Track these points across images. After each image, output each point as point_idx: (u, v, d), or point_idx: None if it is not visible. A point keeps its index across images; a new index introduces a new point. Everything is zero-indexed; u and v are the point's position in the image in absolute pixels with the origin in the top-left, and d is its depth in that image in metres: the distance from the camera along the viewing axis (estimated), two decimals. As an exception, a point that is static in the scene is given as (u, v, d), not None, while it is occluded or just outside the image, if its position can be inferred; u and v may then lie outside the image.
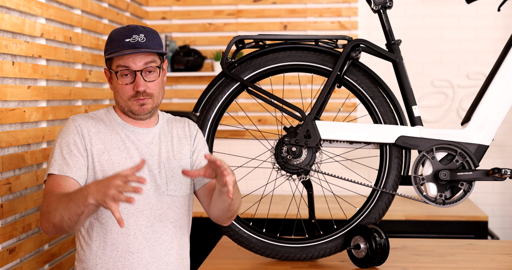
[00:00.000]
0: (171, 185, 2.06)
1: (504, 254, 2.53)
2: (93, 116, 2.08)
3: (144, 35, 1.99)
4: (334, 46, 2.46)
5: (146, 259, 2.00)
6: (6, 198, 2.33)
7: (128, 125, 2.07)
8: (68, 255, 2.87)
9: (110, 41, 2.01)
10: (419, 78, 4.19)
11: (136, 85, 1.98)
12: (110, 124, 2.06)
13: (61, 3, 2.85)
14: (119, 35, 2.00)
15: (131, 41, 1.97)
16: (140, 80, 1.98)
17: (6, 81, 2.36)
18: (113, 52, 1.98)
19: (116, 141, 2.03)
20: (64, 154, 1.96)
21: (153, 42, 2.00)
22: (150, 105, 2.03)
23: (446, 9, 4.21)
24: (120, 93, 2.02)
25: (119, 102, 2.04)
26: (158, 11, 4.33)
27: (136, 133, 2.07)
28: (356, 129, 2.37)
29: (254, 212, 2.93)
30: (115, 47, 1.98)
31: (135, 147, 2.05)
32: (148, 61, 1.99)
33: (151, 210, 2.02)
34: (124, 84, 1.99)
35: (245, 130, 4.11)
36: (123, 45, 1.97)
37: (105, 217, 1.98)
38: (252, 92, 2.45)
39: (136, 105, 2.01)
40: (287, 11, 4.24)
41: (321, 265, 2.39)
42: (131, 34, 1.98)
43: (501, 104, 2.34)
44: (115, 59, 2.00)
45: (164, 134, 2.12)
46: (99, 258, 1.98)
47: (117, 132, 2.05)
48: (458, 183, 2.32)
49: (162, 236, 2.03)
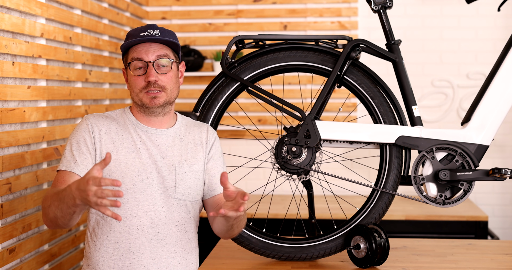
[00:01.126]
0: (179, 189, 2.06)
1: (504, 254, 2.53)
2: (107, 115, 2.10)
3: (159, 31, 2.03)
4: (334, 46, 2.46)
5: (146, 260, 2.00)
6: (6, 198, 2.33)
7: (141, 125, 2.07)
8: (68, 255, 2.87)
9: (127, 37, 2.06)
10: (419, 78, 4.19)
11: (147, 75, 2.00)
12: (123, 123, 2.07)
13: (61, 3, 2.85)
14: (135, 31, 2.05)
15: (145, 35, 2.01)
16: (151, 70, 2.00)
17: (6, 81, 2.36)
18: (127, 43, 2.02)
19: (127, 141, 2.04)
20: (74, 151, 1.99)
21: (168, 37, 2.04)
22: (163, 98, 2.03)
23: (446, 9, 4.21)
24: (132, 85, 2.04)
25: (132, 96, 2.06)
26: (158, 11, 4.33)
27: (149, 133, 2.07)
28: (356, 129, 2.37)
29: (254, 212, 2.93)
30: (130, 40, 2.03)
31: (146, 148, 2.04)
32: (161, 54, 2.02)
33: (156, 212, 2.01)
34: (136, 75, 2.02)
35: (245, 130, 4.11)
36: (138, 38, 2.01)
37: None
38: (252, 92, 2.45)
39: (147, 97, 2.02)
40: (287, 11, 4.24)
41: (321, 265, 2.39)
42: (147, 29, 2.03)
43: (501, 104, 2.34)
44: (130, 53, 2.04)
45: (179, 138, 2.11)
46: (101, 256, 1.99)
47: (130, 132, 2.06)
48: (458, 183, 2.32)
49: (165, 238, 2.03)
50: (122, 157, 2.01)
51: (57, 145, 2.77)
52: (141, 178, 2.01)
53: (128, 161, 2.01)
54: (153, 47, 2.02)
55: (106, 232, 2.00)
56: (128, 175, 2.00)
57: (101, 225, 2.01)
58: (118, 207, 1.60)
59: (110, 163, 1.99)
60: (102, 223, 2.00)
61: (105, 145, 2.02)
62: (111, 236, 1.99)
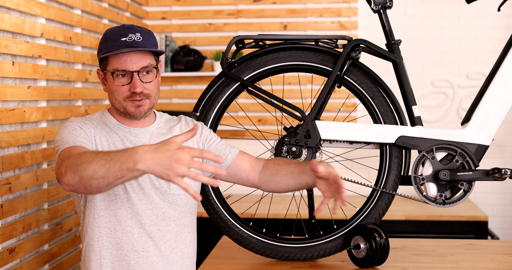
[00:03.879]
0: (173, 184, 2.05)
1: (504, 254, 2.53)
2: (88, 118, 2.05)
3: (140, 35, 1.96)
4: (334, 46, 2.46)
5: (151, 258, 1.99)
6: (6, 198, 2.33)
7: (123, 127, 2.05)
8: (68, 255, 2.87)
9: (105, 41, 1.97)
10: (419, 78, 4.19)
11: (133, 86, 1.95)
12: (106, 126, 2.04)
13: (61, 3, 2.85)
14: (114, 34, 1.96)
15: (127, 40, 1.93)
16: (137, 81, 1.95)
17: (6, 81, 2.36)
18: (109, 51, 1.94)
19: (116, 140, 2.02)
20: (72, 133, 1.91)
21: (149, 42, 1.98)
22: (147, 106, 2.00)
23: (446, 9, 4.21)
24: (115, 94, 1.98)
25: (114, 103, 2.01)
26: (158, 11, 4.33)
27: (132, 133, 2.05)
28: (356, 129, 2.37)
29: (254, 212, 2.93)
30: (111, 46, 1.94)
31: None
32: (145, 65, 1.96)
33: (154, 209, 2.01)
34: (120, 85, 1.96)
35: (245, 130, 4.11)
36: (119, 44, 1.93)
37: (108, 215, 1.97)
38: (252, 92, 2.45)
39: (132, 106, 1.98)
40: (287, 11, 4.24)
41: (321, 265, 2.39)
42: (127, 33, 1.95)
43: (501, 104, 2.34)
44: (111, 59, 1.96)
45: (162, 133, 2.10)
46: (103, 258, 1.97)
47: (116, 132, 2.03)
48: (458, 183, 2.32)
49: (166, 234, 2.02)
50: None
51: (57, 145, 2.77)
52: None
53: None
54: (137, 56, 1.95)
55: (105, 234, 1.97)
56: None
57: (96, 227, 1.97)
58: (217, 186, 1.53)
59: None
60: (98, 225, 1.97)
61: (101, 142, 1.98)
62: (112, 237, 1.97)
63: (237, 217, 2.44)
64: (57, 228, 2.75)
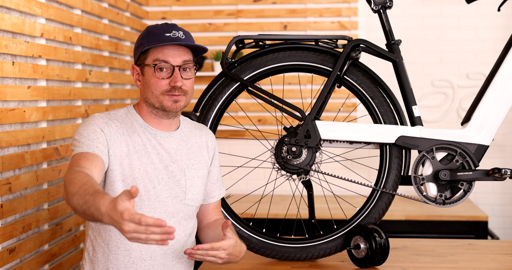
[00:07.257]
0: (189, 195, 2.04)
1: (504, 254, 2.53)
2: (113, 116, 2.02)
3: (183, 33, 1.99)
4: (334, 46, 2.46)
5: (157, 266, 1.98)
6: (6, 198, 2.33)
7: (150, 128, 2.02)
8: (68, 255, 2.87)
9: (147, 35, 1.99)
10: (419, 78, 4.19)
11: (173, 80, 1.95)
12: (131, 125, 2.01)
13: (61, 3, 2.85)
14: (157, 29, 1.98)
15: (171, 36, 1.96)
16: (178, 75, 1.96)
17: (6, 81, 2.36)
18: (153, 44, 1.95)
19: (138, 144, 1.99)
20: (90, 136, 1.91)
21: (191, 41, 2.01)
22: (183, 102, 2.00)
23: (446, 9, 4.21)
24: (152, 87, 1.97)
25: (149, 98, 1.99)
26: (158, 11, 4.33)
27: (157, 136, 2.02)
28: (356, 129, 2.37)
29: (254, 212, 2.93)
30: (154, 40, 1.96)
31: (156, 152, 2.01)
32: (187, 60, 1.99)
33: (167, 219, 1.99)
34: (160, 78, 1.96)
35: (245, 130, 4.11)
36: (163, 39, 1.95)
37: None
38: (252, 92, 2.45)
39: (170, 100, 1.97)
40: (287, 11, 4.24)
41: (321, 265, 2.39)
42: (171, 30, 1.98)
43: (501, 104, 2.34)
44: (153, 53, 1.97)
45: (184, 140, 2.09)
46: (110, 262, 1.96)
47: (139, 134, 2.00)
48: (458, 183, 2.32)
49: (174, 244, 2.02)
50: (135, 162, 1.96)
51: (57, 145, 2.76)
52: (153, 185, 1.98)
53: (141, 166, 1.97)
54: (180, 51, 1.98)
55: (115, 239, 1.96)
56: (141, 181, 1.96)
57: (107, 231, 1.96)
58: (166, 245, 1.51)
59: (124, 167, 1.94)
60: (110, 228, 1.95)
61: (120, 148, 1.95)
62: (120, 243, 1.96)
63: (237, 217, 2.44)
64: (57, 228, 2.75)
